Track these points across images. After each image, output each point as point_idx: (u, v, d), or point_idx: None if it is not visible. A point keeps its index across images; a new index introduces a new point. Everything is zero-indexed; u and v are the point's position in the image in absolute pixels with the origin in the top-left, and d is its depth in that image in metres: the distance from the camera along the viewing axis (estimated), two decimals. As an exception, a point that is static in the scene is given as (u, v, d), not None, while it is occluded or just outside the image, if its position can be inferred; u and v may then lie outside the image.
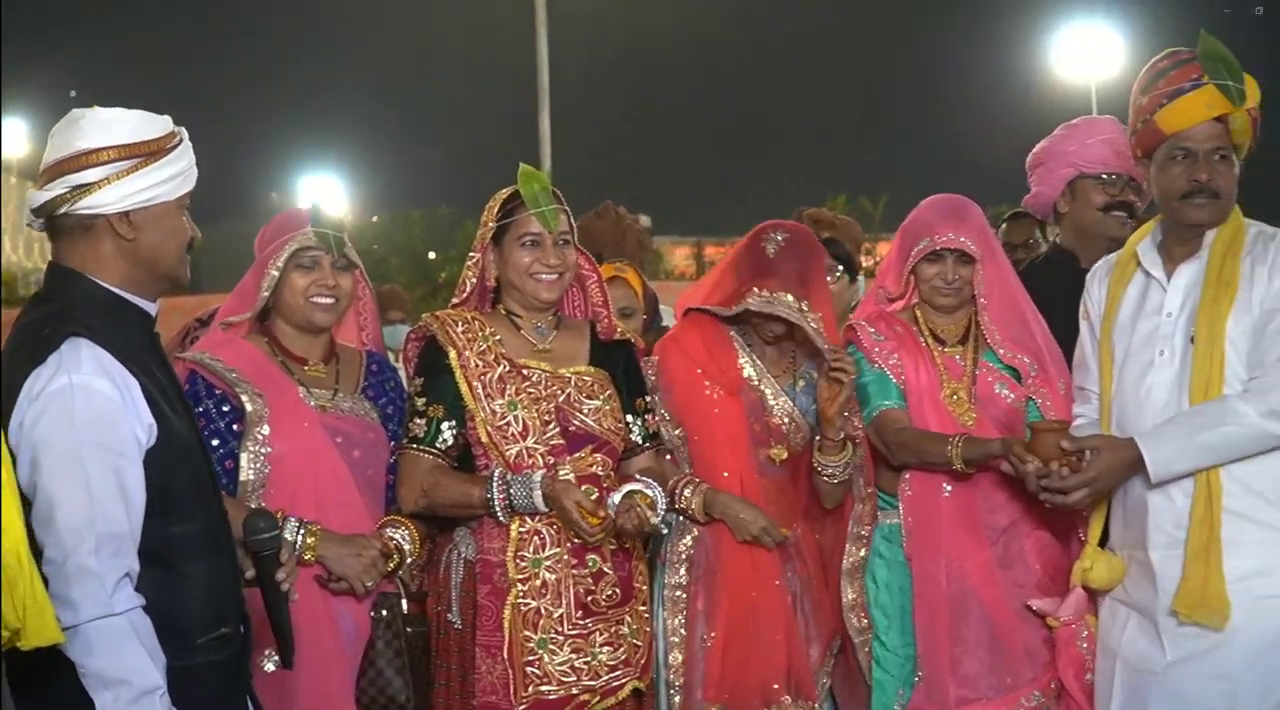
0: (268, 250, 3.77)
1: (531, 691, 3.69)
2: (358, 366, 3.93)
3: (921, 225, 4.24)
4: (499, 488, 3.66)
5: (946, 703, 4.06)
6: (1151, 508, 3.83)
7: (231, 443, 3.60)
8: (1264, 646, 3.71)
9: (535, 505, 3.64)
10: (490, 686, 3.71)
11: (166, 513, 2.87)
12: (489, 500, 3.67)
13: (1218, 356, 3.78)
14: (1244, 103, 3.79)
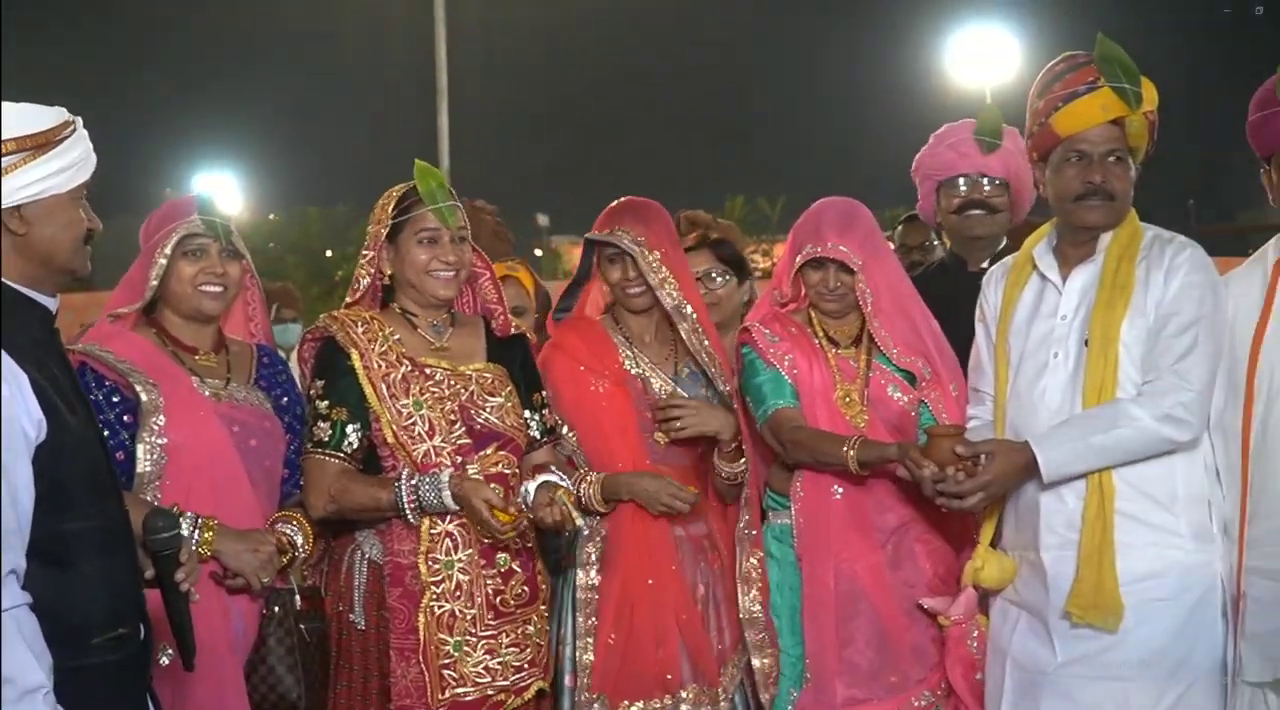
0: (154, 239, 3.71)
1: (449, 695, 3.67)
2: (249, 358, 3.89)
3: (807, 231, 4.25)
4: (407, 490, 3.64)
5: (834, 703, 4.07)
6: (1044, 509, 3.87)
7: (122, 435, 3.54)
8: (1156, 649, 3.76)
9: (445, 505, 3.62)
10: (406, 690, 3.69)
11: (61, 509, 2.78)
12: (398, 503, 3.65)
13: (1112, 360, 3.82)
14: (1140, 106, 3.83)
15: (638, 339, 4.23)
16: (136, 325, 3.73)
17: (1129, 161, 3.91)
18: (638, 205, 4.24)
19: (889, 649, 4.11)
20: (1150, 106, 3.88)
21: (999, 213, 4.77)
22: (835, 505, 4.15)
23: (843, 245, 4.17)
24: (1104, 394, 3.81)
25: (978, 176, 4.72)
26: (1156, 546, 3.79)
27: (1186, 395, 3.74)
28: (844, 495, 4.15)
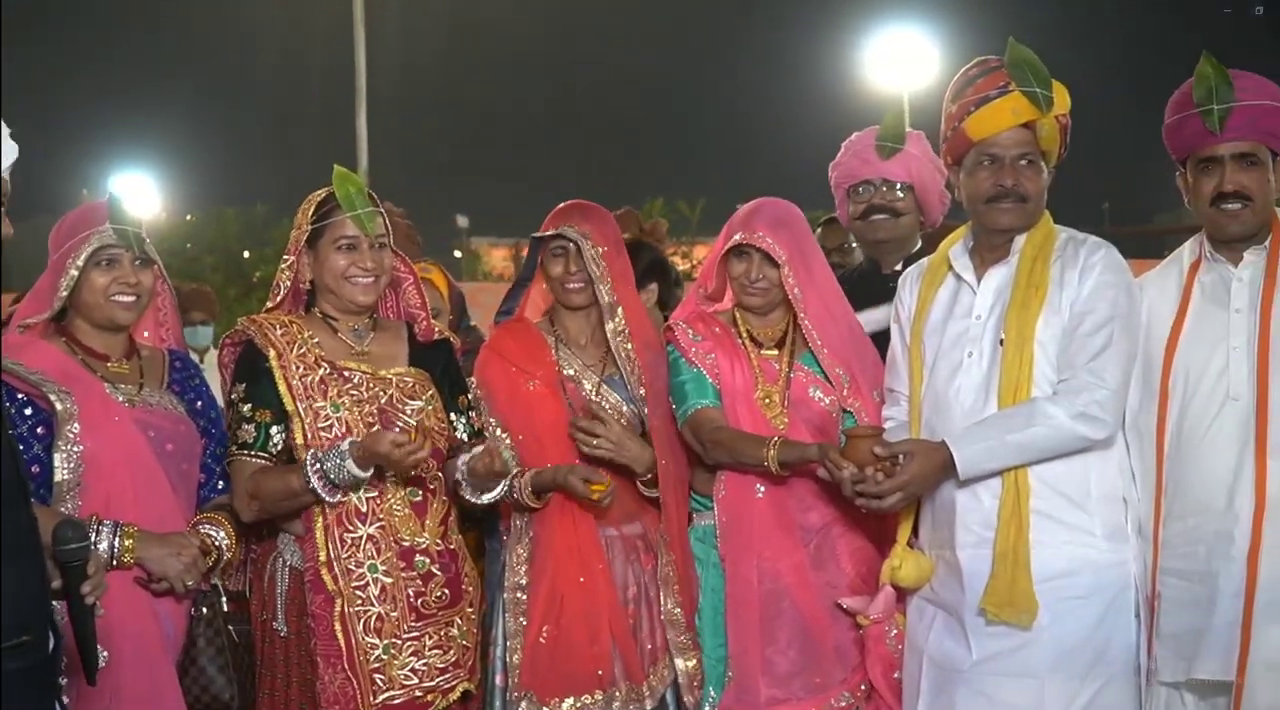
0: (65, 249, 3.67)
1: (379, 700, 3.67)
2: (161, 363, 3.86)
3: (739, 222, 4.27)
4: (312, 466, 3.61)
5: (757, 703, 4.07)
6: (959, 508, 3.90)
7: (36, 447, 3.51)
8: (1070, 647, 3.79)
9: (351, 472, 3.57)
10: (333, 696, 3.68)
11: None
12: (306, 481, 3.61)
13: (1026, 359, 3.84)
14: (1051, 109, 3.86)
15: (573, 340, 4.23)
16: (45, 334, 3.69)
17: (1041, 164, 3.95)
18: (584, 205, 4.26)
19: (811, 649, 4.12)
20: (1061, 109, 3.92)
21: (903, 216, 4.80)
22: (758, 504, 4.15)
23: (770, 237, 4.18)
24: (1019, 393, 3.84)
25: (880, 181, 4.76)
26: (1070, 545, 3.82)
27: (1101, 393, 3.78)
28: (767, 494, 4.15)
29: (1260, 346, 3.76)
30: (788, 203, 4.36)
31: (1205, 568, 3.74)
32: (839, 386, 4.24)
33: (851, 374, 4.25)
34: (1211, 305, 3.87)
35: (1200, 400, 3.81)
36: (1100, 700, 3.80)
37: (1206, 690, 3.77)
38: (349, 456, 3.58)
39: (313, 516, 3.73)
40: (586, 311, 4.23)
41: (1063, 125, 3.95)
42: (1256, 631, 3.64)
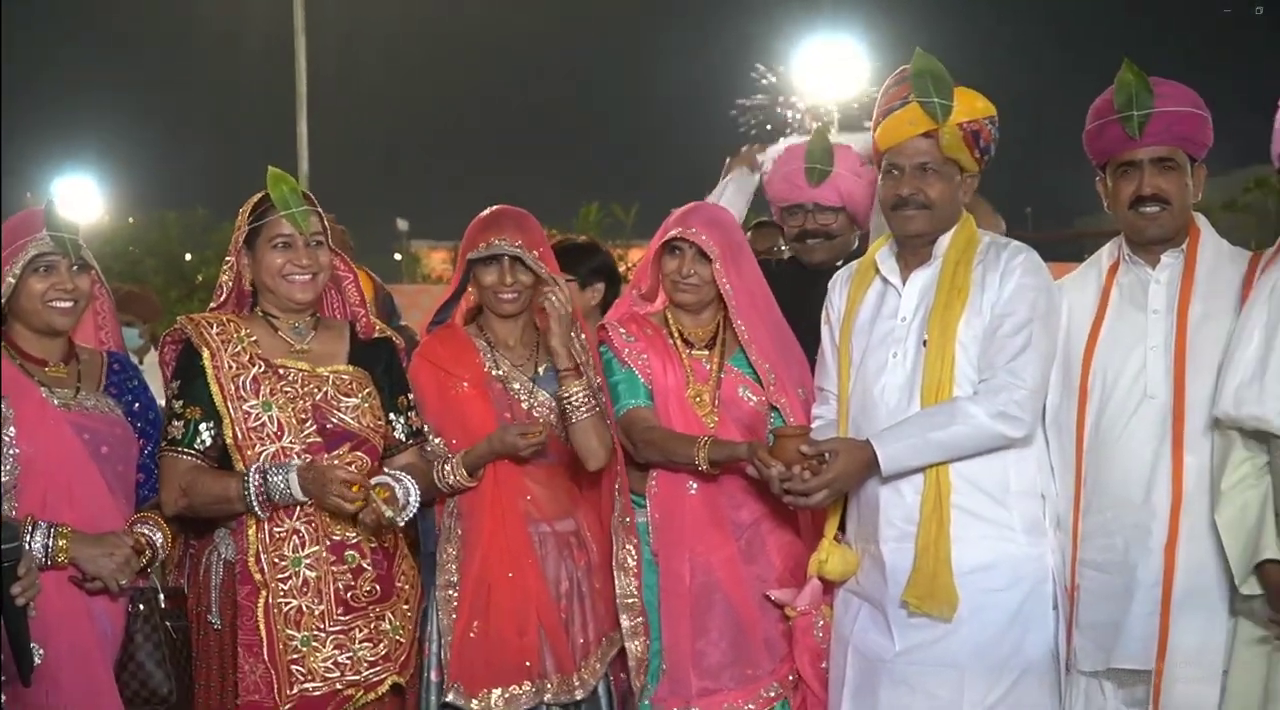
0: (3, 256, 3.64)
1: (296, 691, 3.66)
2: (99, 366, 3.84)
3: (674, 220, 4.31)
4: (255, 477, 3.61)
5: (689, 694, 4.11)
6: (883, 503, 3.93)
7: None
8: (989, 637, 3.83)
9: (293, 492, 3.60)
10: (253, 686, 3.66)
11: None
12: (245, 492, 3.62)
13: (948, 359, 3.88)
14: (949, 118, 3.89)
15: (501, 343, 4.23)
16: None
17: (947, 171, 3.97)
18: (510, 214, 4.24)
19: (742, 641, 4.15)
20: (968, 115, 3.94)
21: (837, 237, 4.83)
22: (691, 501, 4.19)
23: (704, 233, 4.21)
24: (941, 392, 3.87)
25: (811, 206, 4.78)
26: (990, 539, 3.86)
27: (1020, 393, 3.82)
28: (699, 491, 4.18)
29: (1177, 347, 3.80)
30: (721, 206, 4.40)
31: (1123, 560, 3.78)
32: (766, 383, 4.28)
33: (777, 371, 4.29)
34: (1130, 306, 3.92)
35: (1118, 398, 3.85)
36: (1019, 689, 3.84)
37: (1125, 679, 3.82)
38: (294, 475, 3.60)
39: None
40: (514, 317, 4.23)
41: (972, 131, 3.95)
42: (1174, 621, 3.68)
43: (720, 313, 4.34)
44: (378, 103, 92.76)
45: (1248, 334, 3.60)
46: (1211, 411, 3.65)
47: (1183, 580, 3.68)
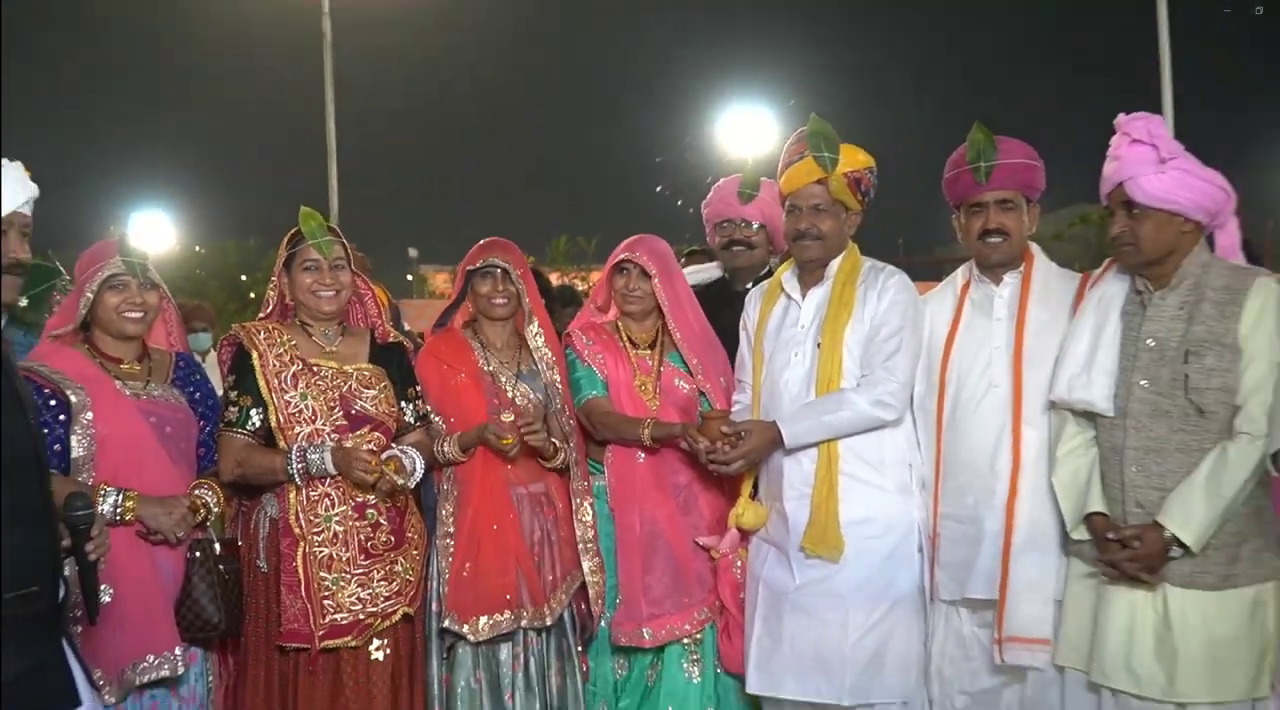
0: (83, 276, 3.65)
1: (328, 620, 3.65)
2: (167, 363, 3.81)
3: (621, 248, 4.32)
4: (297, 456, 3.66)
5: (640, 618, 4.09)
6: (786, 470, 3.94)
7: (58, 429, 3.45)
8: (868, 575, 3.84)
9: (326, 467, 3.64)
10: (294, 617, 3.67)
11: None
12: (289, 467, 3.66)
13: (837, 358, 3.90)
14: (836, 169, 3.90)
15: (491, 344, 4.21)
16: (72, 342, 3.64)
17: (835, 210, 3.97)
18: (501, 242, 4.25)
19: (680, 576, 4.14)
20: (851, 166, 3.94)
21: (756, 248, 4.80)
22: (639, 468, 4.18)
23: (645, 257, 4.24)
24: (831, 384, 3.89)
25: (740, 221, 4.77)
26: (868, 498, 3.87)
27: (893, 385, 3.84)
28: (645, 460, 4.18)
29: (1015, 346, 3.80)
30: (658, 237, 4.41)
31: (974, 514, 3.78)
32: (695, 374, 4.28)
33: (703, 365, 4.29)
34: (979, 316, 3.91)
35: (970, 387, 3.84)
36: (892, 615, 3.85)
37: (977, 606, 3.82)
38: (329, 453, 3.64)
39: None
40: (504, 322, 4.23)
41: (854, 179, 3.96)
42: (1014, 561, 3.68)
43: (659, 321, 4.34)
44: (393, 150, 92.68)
45: (1078, 335, 3.60)
46: (1048, 396, 3.64)
47: (1020, 530, 3.68)
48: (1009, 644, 3.68)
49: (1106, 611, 3.47)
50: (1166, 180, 3.39)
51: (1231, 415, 3.33)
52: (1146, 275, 3.50)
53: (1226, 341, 3.34)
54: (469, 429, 4.04)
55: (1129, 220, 3.46)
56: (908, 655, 3.87)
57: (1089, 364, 3.53)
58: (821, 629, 3.84)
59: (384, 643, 3.77)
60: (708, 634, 4.19)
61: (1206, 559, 3.32)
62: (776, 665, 3.92)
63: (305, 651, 3.68)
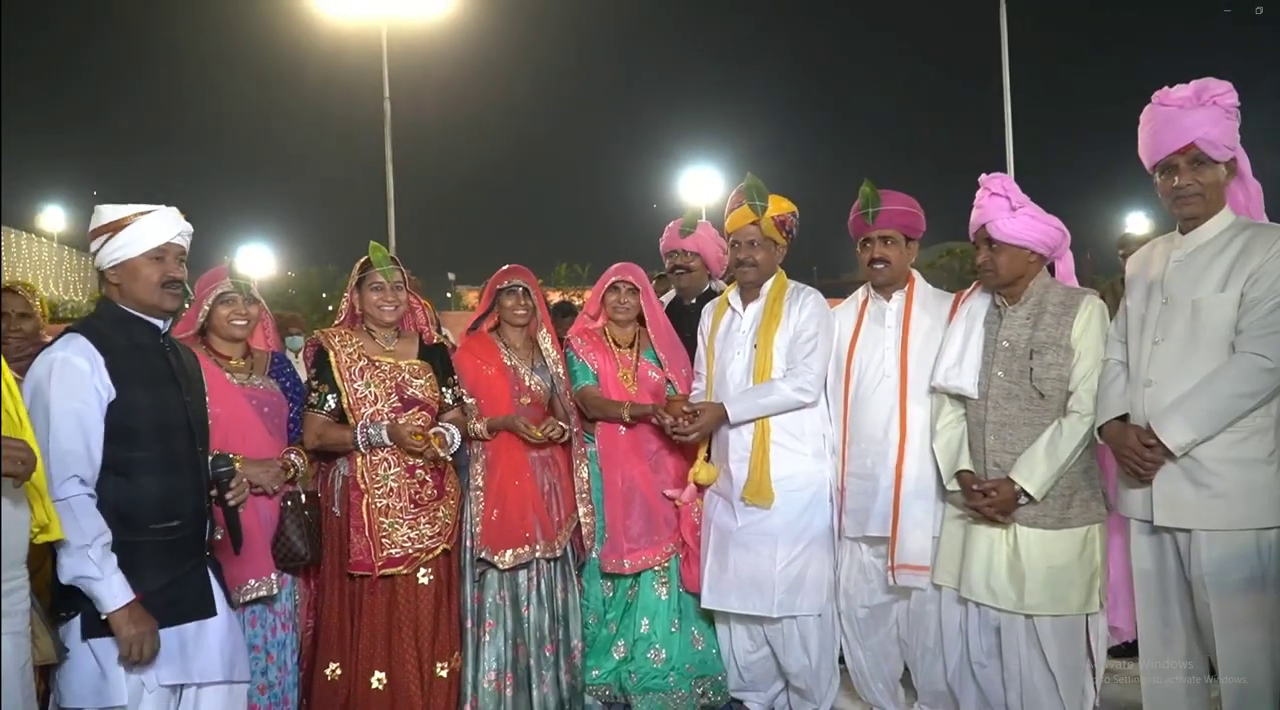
0: (201, 294, 3.62)
1: (385, 554, 3.61)
2: (265, 360, 3.75)
3: (611, 272, 4.27)
4: (360, 432, 3.63)
5: (621, 551, 4.06)
6: (731, 439, 3.92)
7: None
8: (791, 518, 3.83)
9: (383, 439, 3.62)
10: (360, 551, 3.62)
11: (129, 444, 2.67)
12: (355, 438, 3.63)
13: (769, 357, 3.88)
14: (765, 214, 3.88)
15: (512, 345, 4.15)
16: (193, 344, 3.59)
17: (767, 245, 3.94)
18: (521, 268, 4.21)
19: (651, 519, 4.10)
20: (777, 212, 3.91)
21: (694, 271, 4.73)
22: (621, 438, 4.13)
23: (632, 278, 4.21)
24: (764, 376, 3.87)
25: (680, 251, 4.70)
26: (792, 460, 3.85)
27: (810, 376, 3.82)
28: (626, 433, 4.13)
29: (902, 346, 3.79)
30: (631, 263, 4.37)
31: (871, 472, 3.76)
32: (664, 367, 4.24)
33: (670, 360, 4.25)
34: (874, 323, 3.89)
35: (868, 378, 3.83)
36: (810, 549, 3.84)
37: (874, 541, 3.80)
38: (384, 429, 3.62)
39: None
40: (522, 328, 4.18)
41: (780, 221, 3.93)
42: (903, 507, 3.67)
43: (638, 327, 4.30)
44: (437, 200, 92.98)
45: (952, 338, 3.58)
46: (930, 383, 3.63)
47: (908, 482, 3.67)
48: (899, 570, 3.67)
49: (971, 544, 3.47)
50: (1017, 223, 3.39)
51: (1065, 399, 3.34)
52: (1003, 294, 3.50)
53: (1062, 343, 3.34)
54: (497, 412, 4.00)
55: (990, 252, 3.46)
56: (821, 579, 3.86)
57: (960, 359, 3.52)
58: (756, 559, 3.83)
59: (429, 571, 3.72)
60: (673, 562, 4.15)
61: (1047, 505, 3.33)
62: (723, 586, 3.90)
63: (368, 577, 3.64)
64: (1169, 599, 3.10)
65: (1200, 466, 2.94)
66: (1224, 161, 3.04)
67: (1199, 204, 3.05)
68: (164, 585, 2.70)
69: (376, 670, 3.62)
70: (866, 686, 3.96)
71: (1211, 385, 2.91)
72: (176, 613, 2.73)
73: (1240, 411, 2.89)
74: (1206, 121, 2.99)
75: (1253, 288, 2.89)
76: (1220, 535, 2.92)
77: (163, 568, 2.71)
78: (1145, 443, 3.00)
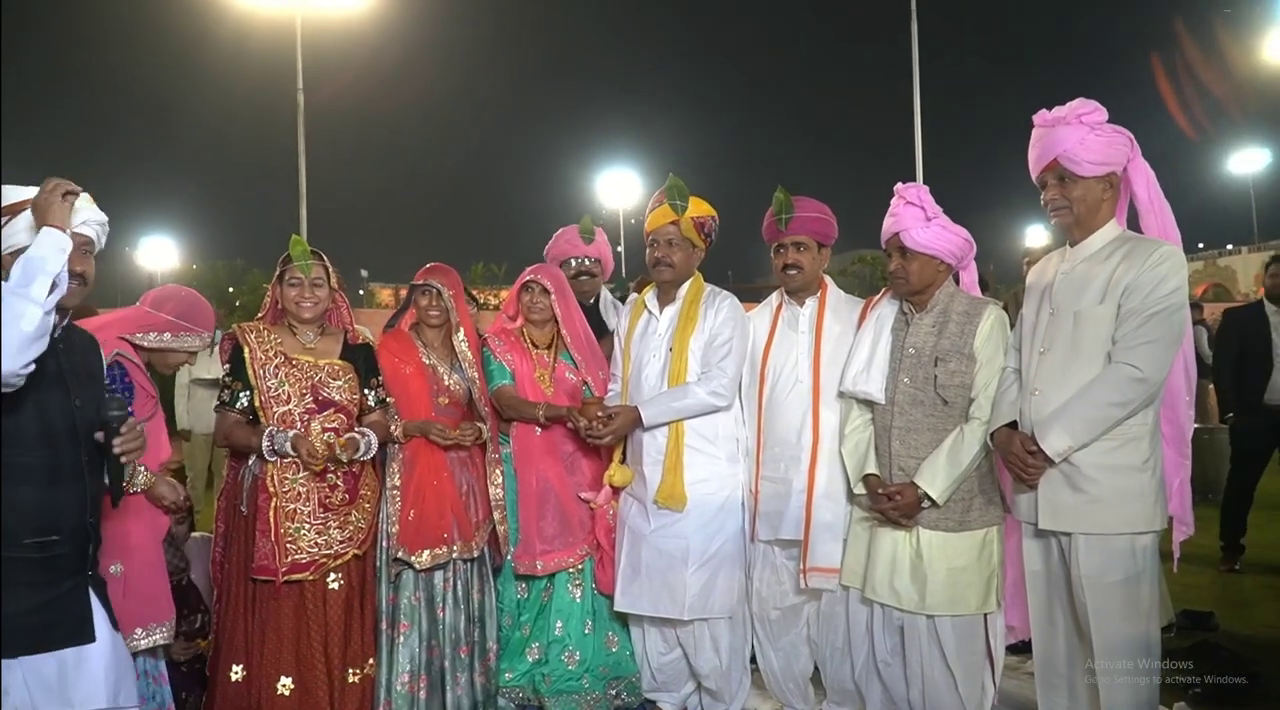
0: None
1: (289, 559, 3.54)
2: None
3: (527, 272, 4.27)
4: (266, 438, 3.54)
5: (534, 554, 4.06)
6: (645, 443, 3.93)
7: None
8: (705, 521, 3.85)
9: (286, 449, 3.52)
10: (264, 555, 3.53)
11: (5, 448, 2.40)
12: (261, 445, 3.53)
13: (684, 360, 3.89)
14: (684, 213, 3.89)
15: (430, 344, 4.11)
16: None
17: (684, 246, 3.95)
18: (442, 267, 4.16)
19: (566, 521, 4.11)
20: (697, 213, 3.92)
21: (595, 276, 4.76)
22: (536, 439, 4.13)
23: (544, 278, 4.20)
24: (679, 379, 3.89)
25: (582, 257, 4.71)
26: (705, 463, 3.87)
27: (724, 380, 3.85)
28: (541, 434, 4.12)
29: (815, 352, 3.84)
30: (554, 267, 4.38)
31: (785, 476, 3.80)
32: (580, 368, 4.25)
33: (586, 362, 4.26)
34: (788, 328, 3.94)
35: (782, 382, 3.87)
36: (722, 551, 3.86)
37: (787, 545, 3.85)
38: (287, 440, 3.52)
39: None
40: (438, 329, 4.14)
41: (699, 223, 3.94)
42: (815, 510, 3.72)
43: (554, 328, 4.29)
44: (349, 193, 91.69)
45: (861, 344, 3.65)
46: (838, 388, 3.69)
47: (819, 487, 3.72)
48: (811, 572, 3.72)
49: (876, 546, 3.53)
50: (930, 233, 3.47)
51: (967, 406, 3.42)
52: (911, 301, 3.57)
53: (965, 351, 3.42)
54: (414, 412, 3.96)
55: (902, 260, 3.52)
56: (732, 582, 3.89)
57: (868, 365, 3.58)
58: (669, 562, 3.84)
59: (339, 576, 3.66)
60: (587, 564, 4.16)
61: (948, 509, 3.41)
62: (636, 589, 3.92)
63: (272, 583, 3.57)
64: (1055, 598, 3.22)
65: (1079, 472, 3.06)
66: (1092, 177, 3.14)
67: (1066, 216, 3.19)
68: (38, 605, 2.43)
69: (283, 675, 3.56)
70: (778, 686, 4.02)
71: (1087, 394, 3.02)
72: (51, 637, 2.45)
73: (1113, 420, 3.01)
74: (1069, 138, 3.11)
75: (1127, 300, 3.02)
76: (1096, 539, 3.04)
77: (37, 587, 2.44)
78: (1028, 449, 3.12)
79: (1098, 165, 3.12)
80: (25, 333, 2.27)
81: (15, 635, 2.38)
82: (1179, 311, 3.01)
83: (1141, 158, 3.19)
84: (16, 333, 2.25)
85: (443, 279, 4.10)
